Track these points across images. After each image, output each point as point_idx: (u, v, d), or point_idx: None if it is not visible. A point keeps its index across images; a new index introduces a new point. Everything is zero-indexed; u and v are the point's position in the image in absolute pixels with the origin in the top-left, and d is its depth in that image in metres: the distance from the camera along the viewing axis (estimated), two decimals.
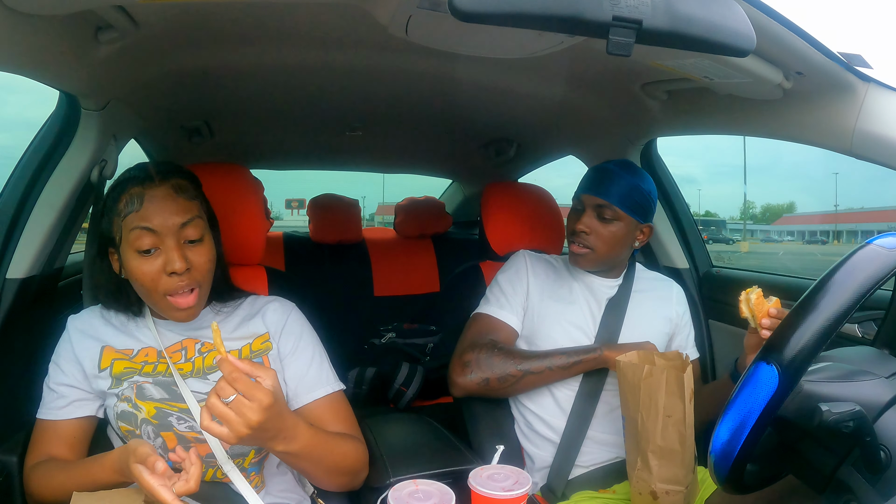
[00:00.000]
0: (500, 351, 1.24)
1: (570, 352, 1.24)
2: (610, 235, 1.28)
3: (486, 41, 0.96)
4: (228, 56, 1.25)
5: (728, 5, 0.73)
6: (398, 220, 2.61)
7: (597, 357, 1.22)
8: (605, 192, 1.27)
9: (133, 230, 0.94)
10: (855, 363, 0.81)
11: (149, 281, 0.95)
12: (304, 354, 1.08)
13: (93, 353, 1.01)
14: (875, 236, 0.76)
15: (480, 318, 1.34)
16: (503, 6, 0.64)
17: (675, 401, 1.02)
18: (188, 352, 1.03)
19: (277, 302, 1.13)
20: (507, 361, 1.22)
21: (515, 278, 1.35)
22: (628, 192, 1.27)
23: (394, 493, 0.84)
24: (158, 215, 0.94)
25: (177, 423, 0.97)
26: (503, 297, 1.34)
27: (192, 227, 0.97)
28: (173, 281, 0.95)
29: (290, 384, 1.07)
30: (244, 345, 1.06)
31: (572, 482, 1.24)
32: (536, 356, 1.23)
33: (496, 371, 1.22)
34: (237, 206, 1.25)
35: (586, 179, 1.32)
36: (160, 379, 0.99)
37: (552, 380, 1.25)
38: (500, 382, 1.23)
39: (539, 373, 1.22)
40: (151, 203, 0.95)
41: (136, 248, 0.94)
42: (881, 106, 1.01)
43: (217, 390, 0.78)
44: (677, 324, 1.38)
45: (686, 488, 1.05)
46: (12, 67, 0.91)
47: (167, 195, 0.96)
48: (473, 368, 1.23)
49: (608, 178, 1.28)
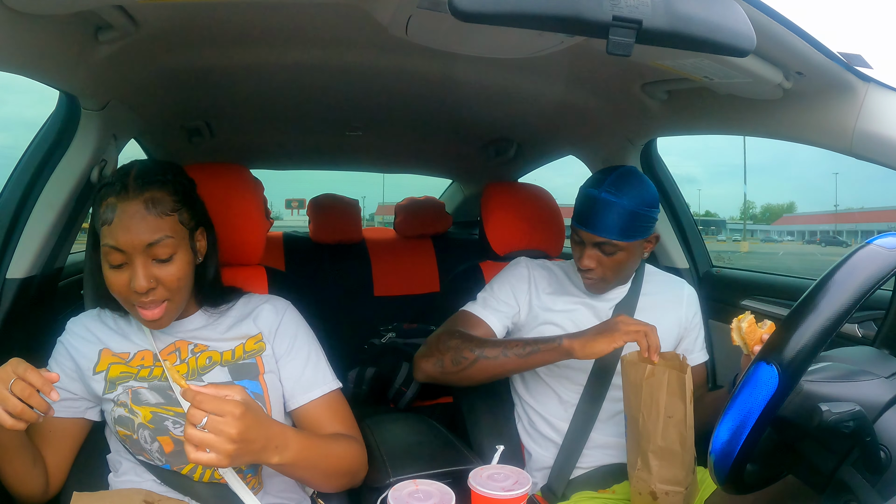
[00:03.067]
0: (459, 336, 1.22)
1: (529, 341, 1.17)
2: (616, 264, 1.23)
3: (486, 41, 0.96)
4: (228, 56, 1.25)
5: (728, 5, 0.73)
6: (398, 220, 2.61)
7: (556, 347, 1.12)
8: (603, 229, 1.18)
9: (104, 245, 0.93)
10: (855, 363, 0.81)
11: (116, 292, 0.95)
12: (300, 354, 1.08)
13: (90, 355, 1.01)
14: (875, 236, 0.76)
15: (462, 314, 1.32)
16: (503, 6, 0.64)
17: (677, 401, 1.02)
18: (182, 353, 1.03)
19: (271, 302, 1.12)
20: (462, 345, 1.19)
21: (515, 285, 1.32)
22: (628, 221, 1.18)
23: (394, 493, 0.84)
24: (126, 233, 0.91)
25: (172, 426, 0.97)
26: (491, 299, 1.31)
27: (160, 246, 0.93)
28: (139, 296, 0.94)
29: (286, 385, 1.06)
30: (237, 345, 1.05)
31: (572, 482, 1.24)
32: (494, 343, 1.19)
33: (451, 354, 1.19)
34: (237, 206, 1.25)
35: (580, 210, 1.23)
36: (155, 383, 0.99)
37: (509, 368, 1.18)
38: (454, 365, 1.19)
39: (493, 358, 1.16)
40: (121, 220, 0.92)
41: (108, 262, 0.94)
42: (881, 106, 1.01)
43: (189, 419, 0.78)
44: (687, 327, 1.35)
45: (686, 489, 1.05)
46: (12, 67, 0.91)
47: (137, 212, 0.92)
48: (433, 352, 1.22)
49: (603, 210, 1.18)
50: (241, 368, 1.03)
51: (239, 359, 1.04)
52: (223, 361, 1.03)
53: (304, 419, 1.06)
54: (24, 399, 0.79)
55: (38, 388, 0.80)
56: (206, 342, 1.05)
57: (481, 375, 1.20)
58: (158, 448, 0.96)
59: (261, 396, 1.02)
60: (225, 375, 1.02)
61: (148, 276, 0.93)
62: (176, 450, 0.96)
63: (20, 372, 0.80)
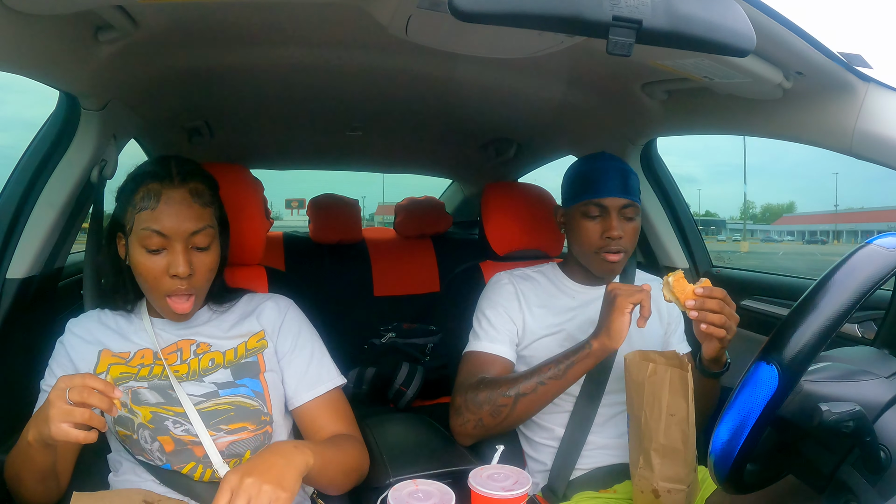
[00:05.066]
0: (484, 385, 1.15)
1: (560, 358, 1.12)
2: (634, 231, 1.25)
3: (486, 41, 0.96)
4: (228, 56, 1.25)
5: (728, 5, 0.73)
6: (398, 220, 2.61)
7: (589, 352, 1.09)
8: (629, 191, 1.22)
9: (144, 229, 0.95)
10: (855, 363, 0.81)
11: (151, 279, 0.96)
12: (304, 352, 1.08)
13: (90, 357, 1.01)
14: (875, 236, 0.76)
15: (471, 357, 1.26)
16: (503, 6, 0.64)
17: (679, 400, 1.02)
18: (183, 353, 1.03)
19: (273, 300, 1.13)
20: (493, 393, 1.12)
21: (506, 306, 1.29)
22: (635, 181, 1.24)
23: (394, 493, 0.84)
24: (171, 219, 0.95)
25: (173, 426, 0.97)
26: (492, 330, 1.26)
27: (202, 235, 0.98)
28: (174, 283, 0.96)
29: (290, 383, 1.07)
30: (239, 343, 1.06)
31: (573, 482, 1.24)
32: (524, 376, 1.13)
33: (485, 407, 1.13)
34: (237, 206, 1.25)
35: (597, 181, 1.23)
36: (156, 383, 0.99)
37: (551, 394, 1.13)
38: (493, 417, 1.13)
39: (532, 392, 1.11)
40: (167, 205, 0.95)
41: (145, 246, 0.95)
42: (881, 106, 1.01)
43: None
44: (669, 321, 1.37)
45: (688, 487, 1.05)
46: (12, 67, 0.91)
47: (183, 199, 0.96)
48: (464, 412, 1.15)
49: (620, 174, 1.23)
50: (242, 368, 1.03)
51: (241, 357, 1.04)
52: (226, 363, 1.03)
53: (305, 417, 1.07)
54: (84, 401, 0.76)
55: (100, 390, 0.78)
56: (208, 339, 1.05)
57: (527, 413, 1.15)
58: (159, 448, 0.96)
59: (261, 395, 1.02)
60: (227, 376, 1.02)
61: (187, 261, 0.95)
62: (176, 449, 0.96)
63: (77, 381, 0.78)
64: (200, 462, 0.97)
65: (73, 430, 0.77)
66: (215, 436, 0.98)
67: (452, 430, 1.20)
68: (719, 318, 1.01)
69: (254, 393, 1.02)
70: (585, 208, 1.24)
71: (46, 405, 0.78)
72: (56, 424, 0.76)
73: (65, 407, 0.77)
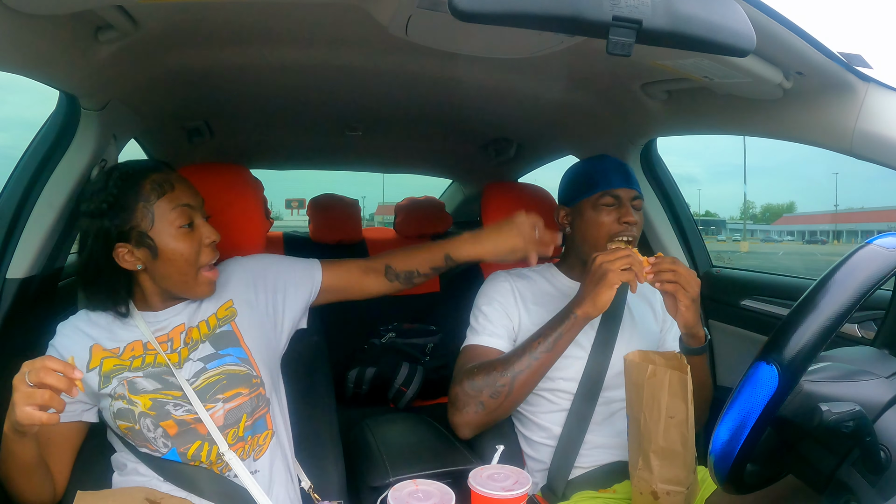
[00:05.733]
0: (479, 369, 1.18)
1: (546, 331, 1.16)
2: (641, 222, 1.32)
3: (486, 41, 0.96)
4: (228, 56, 1.25)
5: (728, 5, 0.73)
6: (398, 220, 2.61)
7: (574, 322, 1.14)
8: (635, 184, 1.30)
9: (175, 208, 1.00)
10: (855, 363, 0.81)
11: (190, 256, 1.02)
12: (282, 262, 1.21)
13: (82, 353, 1.01)
14: (875, 236, 0.76)
15: (469, 351, 1.28)
16: (503, 6, 0.64)
17: (678, 402, 1.02)
18: (174, 342, 1.05)
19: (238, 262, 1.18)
20: (489, 376, 1.16)
21: (502, 302, 1.30)
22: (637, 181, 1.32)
23: (394, 493, 0.84)
24: (188, 194, 1.03)
25: (174, 409, 0.98)
26: (489, 325, 1.28)
27: (205, 206, 1.07)
28: (209, 252, 1.04)
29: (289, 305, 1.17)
30: (209, 315, 1.08)
31: (573, 482, 1.24)
32: (516, 354, 1.17)
33: (484, 391, 1.15)
34: (237, 206, 1.25)
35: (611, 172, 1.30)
36: (150, 370, 1.00)
37: (545, 367, 1.17)
38: (493, 399, 1.15)
39: (527, 368, 1.15)
40: (180, 183, 1.03)
41: (180, 225, 1.00)
42: (881, 106, 1.01)
43: None
44: (664, 319, 1.38)
45: (687, 489, 1.05)
46: (12, 67, 0.91)
47: (183, 178, 1.05)
48: (462, 399, 1.17)
49: (626, 170, 1.32)
50: (219, 338, 1.06)
51: (215, 328, 1.07)
52: (202, 336, 1.06)
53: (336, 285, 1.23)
54: (42, 380, 0.78)
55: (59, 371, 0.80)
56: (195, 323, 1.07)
57: (524, 391, 1.18)
58: (163, 433, 0.97)
59: (247, 360, 1.05)
60: (208, 349, 1.04)
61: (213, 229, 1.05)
62: (180, 430, 0.97)
63: (36, 365, 0.80)
64: (206, 440, 0.98)
65: (35, 412, 0.79)
66: (214, 407, 0.99)
67: (452, 424, 1.21)
68: (671, 274, 1.13)
69: (239, 360, 1.04)
70: (601, 199, 1.29)
71: (12, 391, 0.80)
72: (20, 408, 0.79)
73: (27, 390, 0.79)
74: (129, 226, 0.98)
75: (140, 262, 1.00)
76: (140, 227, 0.98)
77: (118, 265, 1.00)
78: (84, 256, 1.01)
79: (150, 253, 1.00)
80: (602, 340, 1.29)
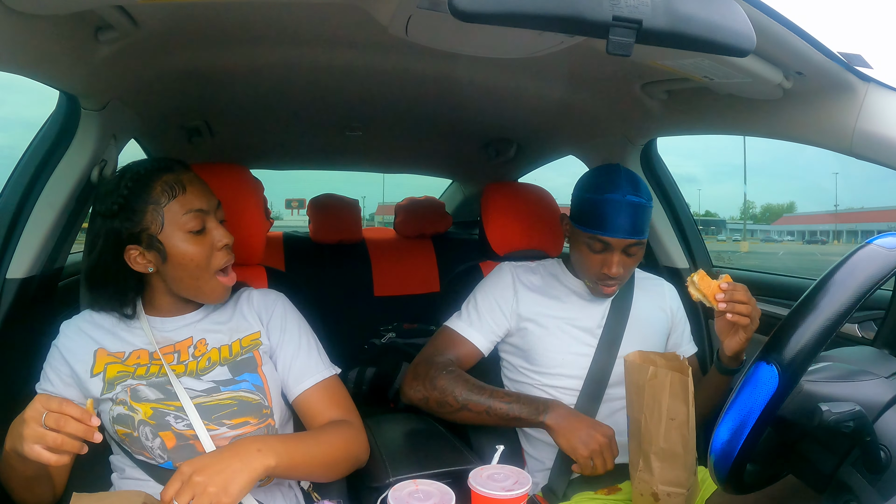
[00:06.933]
0: (449, 374, 1.19)
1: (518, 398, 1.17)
2: (635, 263, 1.27)
3: (486, 41, 0.96)
4: (228, 56, 1.25)
5: (728, 5, 0.73)
6: (398, 220, 2.61)
7: (538, 422, 1.14)
8: (637, 231, 1.20)
9: (186, 213, 0.98)
10: (855, 363, 0.81)
11: (202, 261, 1.00)
12: (290, 345, 1.09)
13: (85, 357, 1.01)
14: (875, 236, 0.76)
15: (445, 332, 1.30)
16: (503, 6, 0.64)
17: (679, 404, 1.02)
18: (181, 355, 1.03)
19: (263, 294, 1.14)
20: (451, 386, 1.18)
21: (498, 296, 1.31)
22: (647, 217, 1.21)
23: (394, 493, 0.84)
24: (202, 197, 1.01)
25: (174, 421, 0.97)
26: (475, 315, 1.30)
27: (221, 209, 1.05)
28: (224, 255, 1.02)
29: (281, 376, 1.08)
30: (234, 340, 1.06)
31: (573, 482, 1.24)
32: (482, 392, 1.17)
33: (437, 394, 1.18)
34: (237, 206, 1.25)
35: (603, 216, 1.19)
36: (154, 380, 0.99)
37: (490, 424, 1.19)
38: (438, 406, 1.19)
39: (477, 412, 1.17)
40: (193, 186, 1.00)
41: (190, 230, 0.98)
42: (881, 106, 1.01)
43: None
44: (672, 319, 1.39)
45: (687, 491, 1.05)
46: (12, 67, 0.91)
47: (196, 179, 1.02)
48: (421, 382, 1.21)
49: (634, 213, 1.19)
50: (239, 364, 1.04)
51: (237, 355, 1.05)
52: (222, 360, 1.04)
53: (302, 408, 1.08)
54: (60, 428, 0.76)
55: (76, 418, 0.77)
56: (204, 335, 1.06)
57: (465, 422, 1.22)
58: (160, 444, 0.96)
59: (261, 388, 1.03)
60: (225, 373, 1.02)
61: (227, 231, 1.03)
62: (178, 444, 0.96)
63: (54, 406, 0.77)
64: None
65: (44, 452, 0.77)
66: (218, 430, 0.98)
67: (401, 388, 1.26)
68: (746, 308, 1.07)
69: (254, 387, 1.02)
70: (590, 241, 1.22)
71: (21, 422, 0.77)
72: (29, 444, 0.76)
73: (39, 430, 0.76)
74: (140, 228, 0.97)
75: (151, 265, 1.00)
76: (150, 230, 0.97)
77: (128, 267, 1.00)
78: (93, 257, 1.00)
79: (160, 256, 0.99)
80: (608, 340, 1.29)
